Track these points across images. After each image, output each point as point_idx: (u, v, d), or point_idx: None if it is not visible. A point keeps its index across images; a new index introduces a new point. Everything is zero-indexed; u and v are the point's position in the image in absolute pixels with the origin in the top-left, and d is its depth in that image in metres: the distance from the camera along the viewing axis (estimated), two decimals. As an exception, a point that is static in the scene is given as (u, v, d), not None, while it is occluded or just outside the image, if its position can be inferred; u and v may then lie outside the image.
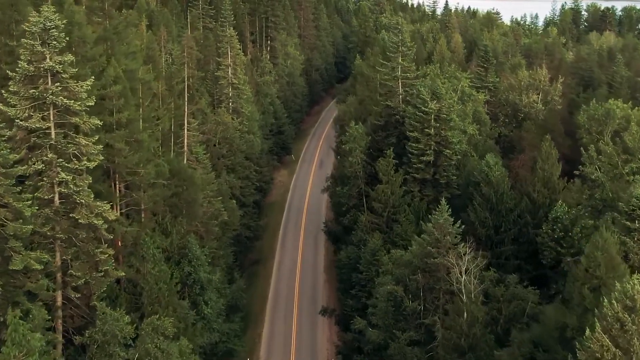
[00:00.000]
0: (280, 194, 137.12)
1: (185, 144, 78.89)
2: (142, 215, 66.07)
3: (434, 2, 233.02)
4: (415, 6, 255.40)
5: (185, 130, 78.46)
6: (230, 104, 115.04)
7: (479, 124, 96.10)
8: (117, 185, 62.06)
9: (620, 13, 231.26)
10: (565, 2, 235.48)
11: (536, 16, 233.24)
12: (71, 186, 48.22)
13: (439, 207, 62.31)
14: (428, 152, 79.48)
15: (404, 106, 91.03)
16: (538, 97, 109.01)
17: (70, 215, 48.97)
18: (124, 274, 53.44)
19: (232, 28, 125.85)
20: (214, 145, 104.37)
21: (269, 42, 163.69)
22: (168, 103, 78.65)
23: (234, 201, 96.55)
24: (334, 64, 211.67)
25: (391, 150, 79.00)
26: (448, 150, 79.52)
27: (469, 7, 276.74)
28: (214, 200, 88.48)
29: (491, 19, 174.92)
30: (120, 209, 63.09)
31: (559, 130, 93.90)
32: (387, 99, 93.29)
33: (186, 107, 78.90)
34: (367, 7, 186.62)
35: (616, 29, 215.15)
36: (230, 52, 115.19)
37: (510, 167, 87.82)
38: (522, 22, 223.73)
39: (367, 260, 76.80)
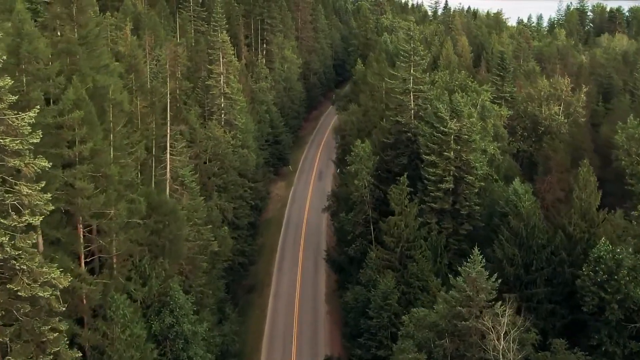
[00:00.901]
0: (277, 209, 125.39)
1: (168, 170, 66.98)
2: (114, 262, 54.30)
3: (436, 3, 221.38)
4: (415, 6, 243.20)
5: (168, 154, 66.53)
6: (223, 115, 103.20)
7: (496, 140, 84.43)
8: (81, 231, 50.23)
9: (627, 14, 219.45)
10: (571, 3, 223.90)
11: (540, 17, 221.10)
12: (8, 249, 36.46)
13: (471, 257, 50.55)
14: (447, 178, 67.84)
15: (416, 122, 79.43)
16: (559, 109, 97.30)
17: (8, 286, 37.18)
18: (79, 354, 41.56)
19: (224, 32, 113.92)
20: (205, 162, 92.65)
21: (264, 45, 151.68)
22: (148, 123, 66.77)
23: (226, 227, 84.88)
24: (332, 66, 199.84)
25: (405, 176, 67.19)
26: (470, 177, 67.89)
27: (469, 7, 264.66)
28: (203, 229, 76.96)
29: (499, 21, 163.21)
30: (86, 258, 51.35)
31: (588, 148, 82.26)
32: (397, 113, 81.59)
33: (169, 127, 66.93)
34: (367, 8, 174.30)
35: (625, 30, 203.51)
36: (223, 59, 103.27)
37: (536, 192, 76.38)
38: (529, 24, 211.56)
39: (377, 305, 65.16)
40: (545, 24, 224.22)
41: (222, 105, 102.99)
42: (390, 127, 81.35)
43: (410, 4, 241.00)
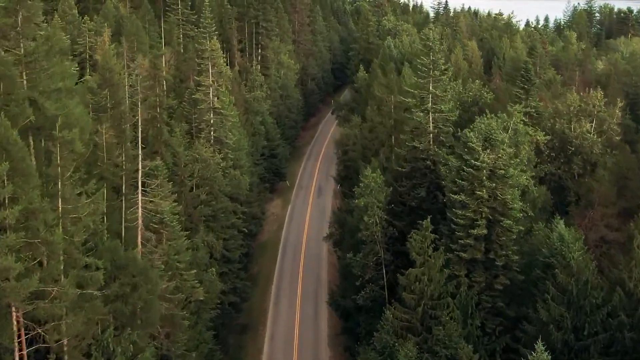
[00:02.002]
0: (274, 231, 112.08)
1: (140, 215, 53.47)
2: (65, 345, 41.02)
3: (439, 3, 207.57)
4: (416, 7, 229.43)
5: (140, 196, 53.04)
6: (212, 132, 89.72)
7: (526, 167, 71.24)
8: (14, 318, 36.94)
9: (636, 14, 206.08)
10: (579, 3, 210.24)
11: (547, 18, 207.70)
12: None
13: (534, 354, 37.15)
14: (479, 222, 54.50)
15: (436, 149, 66.20)
16: (591, 126, 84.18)
17: None
18: None
19: (214, 38, 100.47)
20: (191, 189, 79.30)
21: (259, 50, 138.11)
22: (116, 156, 53.39)
23: (214, 269, 71.49)
24: (330, 70, 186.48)
25: (428, 220, 53.90)
26: (507, 220, 54.58)
27: (469, 8, 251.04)
28: (187, 274, 63.82)
29: (510, 24, 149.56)
30: (29, 347, 38.10)
31: (635, 177, 69.15)
32: (414, 137, 68.25)
33: (140, 162, 53.42)
34: (368, 10, 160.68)
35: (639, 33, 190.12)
36: (212, 69, 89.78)
37: (575, 229, 63.33)
38: (537, 26, 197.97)
39: (397, 380, 52.04)
40: (550, 25, 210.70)
41: (212, 121, 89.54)
42: (405, 154, 68.02)
43: (411, 5, 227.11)
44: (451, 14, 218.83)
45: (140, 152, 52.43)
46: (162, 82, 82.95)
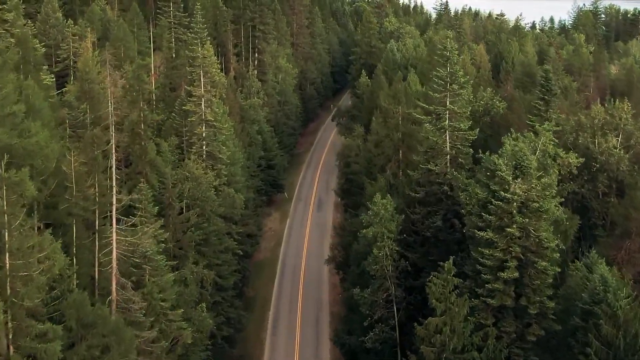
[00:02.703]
0: (271, 249, 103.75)
1: (114, 256, 45.03)
2: None
3: (442, 4, 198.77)
4: (417, 8, 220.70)
5: (114, 235, 44.59)
6: (204, 147, 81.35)
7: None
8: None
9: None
10: (584, 4, 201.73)
11: (551, 19, 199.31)
12: None
13: None
14: (509, 264, 46.19)
15: (454, 172, 57.89)
16: (617, 141, 75.94)
17: None
18: None
19: (208, 42, 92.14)
20: (179, 213, 70.86)
21: (256, 54, 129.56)
22: (87, 188, 45.03)
23: (204, 304, 63.11)
24: (330, 73, 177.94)
25: (450, 262, 45.66)
26: (542, 262, 46.30)
27: (470, 8, 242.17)
28: (172, 314, 55.63)
29: (519, 28, 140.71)
30: None
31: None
32: (429, 159, 59.86)
33: (114, 196, 44.98)
34: (370, 12, 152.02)
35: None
36: (204, 77, 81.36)
37: (609, 261, 55.24)
38: (544, 27, 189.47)
39: None
40: (555, 26, 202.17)
41: (204, 134, 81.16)
42: (419, 177, 59.65)
43: (412, 6, 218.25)
44: (451, 14, 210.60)
45: (114, 183, 43.99)
46: (150, 94, 74.42)
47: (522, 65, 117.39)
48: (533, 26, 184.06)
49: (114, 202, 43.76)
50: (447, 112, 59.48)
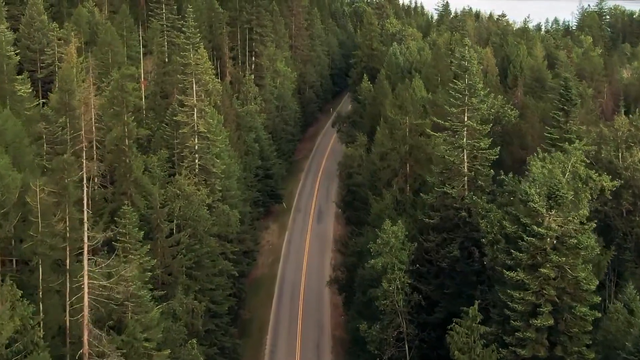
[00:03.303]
0: (269, 265, 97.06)
1: (86, 304, 38.25)
2: None
3: (442, 5, 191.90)
4: (417, 9, 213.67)
5: (86, 280, 37.81)
6: (197, 160, 74.62)
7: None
8: None
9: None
10: (589, 5, 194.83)
11: (555, 20, 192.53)
12: None
13: None
14: (543, 309, 39.55)
15: (472, 196, 51.26)
16: (643, 154, 69.24)
17: None
18: None
19: (202, 47, 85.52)
20: (168, 235, 64.19)
21: (253, 58, 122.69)
22: (56, 222, 38.29)
23: (194, 341, 56.32)
24: (329, 76, 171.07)
25: (475, 307, 39.03)
26: (580, 306, 39.67)
27: (470, 8, 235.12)
28: (158, 356, 49.04)
29: (526, 30, 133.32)
30: None
31: None
32: (445, 181, 53.15)
33: (86, 232, 38.21)
34: (371, 13, 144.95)
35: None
36: (197, 86, 74.61)
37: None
38: (549, 29, 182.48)
39: None
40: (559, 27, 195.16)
41: (196, 147, 74.41)
42: (434, 200, 52.94)
43: (413, 6, 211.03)
44: (452, 15, 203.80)
45: (86, 218, 37.22)
46: (136, 107, 67.70)
47: (531, 69, 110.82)
48: (538, 28, 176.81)
49: (86, 240, 36.97)
50: (465, 128, 52.77)
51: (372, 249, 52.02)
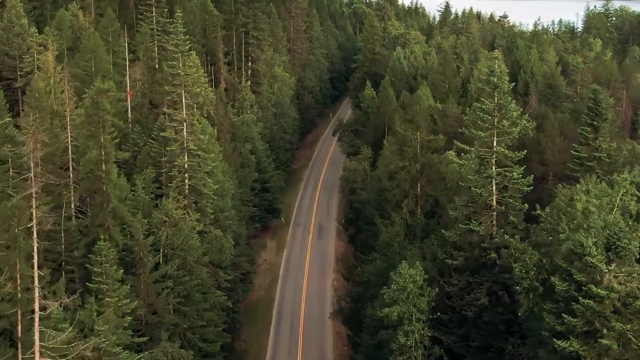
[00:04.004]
0: (266, 287, 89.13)
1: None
2: None
3: (443, 6, 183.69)
4: (418, 10, 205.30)
5: (37, 355, 29.81)
6: (186, 180, 66.65)
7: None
8: None
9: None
10: (595, 6, 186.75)
11: (560, 21, 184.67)
12: None
13: None
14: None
15: (503, 234, 43.39)
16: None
17: None
18: None
19: (194, 54, 77.76)
20: (153, 269, 56.28)
21: (249, 63, 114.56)
22: (4, 282, 30.30)
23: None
24: (328, 80, 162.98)
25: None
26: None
27: (471, 9, 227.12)
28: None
29: (537, 33, 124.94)
30: None
31: None
32: (470, 215, 45.20)
33: (37, 299, 30.19)
34: (373, 15, 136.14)
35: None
36: (186, 98, 66.59)
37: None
38: (558, 31, 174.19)
39: None
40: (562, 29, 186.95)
41: (186, 165, 66.43)
42: (457, 238, 45.05)
43: (414, 7, 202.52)
44: (453, 16, 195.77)
45: (36, 281, 29.27)
46: (128, 118, 59.76)
47: (543, 76, 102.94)
48: (545, 30, 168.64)
49: (37, 310, 29.04)
50: (495, 155, 44.88)
51: (385, 295, 44.11)
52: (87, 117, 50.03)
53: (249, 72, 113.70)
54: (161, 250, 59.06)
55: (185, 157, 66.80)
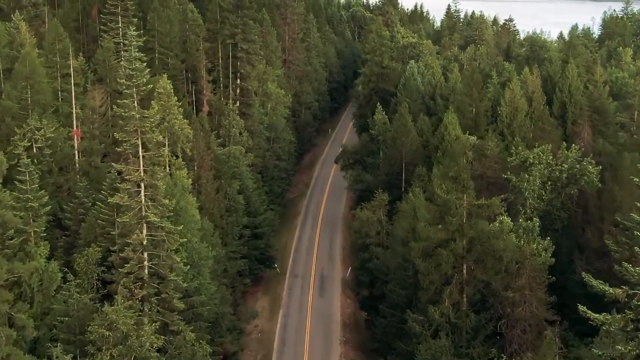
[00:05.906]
0: (258, 365, 68.94)
1: None
2: None
3: (456, 10, 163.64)
4: (419, 13, 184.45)
5: None
6: (145, 262, 46.35)
7: None
8: None
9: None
10: (614, 10, 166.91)
11: (575, 26, 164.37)
12: None
13: None
14: None
15: None
16: None
17: None
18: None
19: (165, 77, 57.62)
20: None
21: (238, 81, 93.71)
22: None
23: None
24: (327, 92, 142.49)
25: None
26: None
27: (473, 11, 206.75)
28: None
29: (573, 46, 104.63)
30: None
31: None
32: None
33: None
34: (381, 23, 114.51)
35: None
36: (143, 149, 46.20)
37: None
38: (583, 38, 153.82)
39: None
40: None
41: (144, 242, 46.10)
42: None
43: (419, 11, 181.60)
44: (462, 20, 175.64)
45: None
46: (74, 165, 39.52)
47: (589, 98, 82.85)
48: (560, 36, 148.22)
49: None
50: None
51: None
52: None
53: (238, 91, 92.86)
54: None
55: (144, 232, 46.50)
